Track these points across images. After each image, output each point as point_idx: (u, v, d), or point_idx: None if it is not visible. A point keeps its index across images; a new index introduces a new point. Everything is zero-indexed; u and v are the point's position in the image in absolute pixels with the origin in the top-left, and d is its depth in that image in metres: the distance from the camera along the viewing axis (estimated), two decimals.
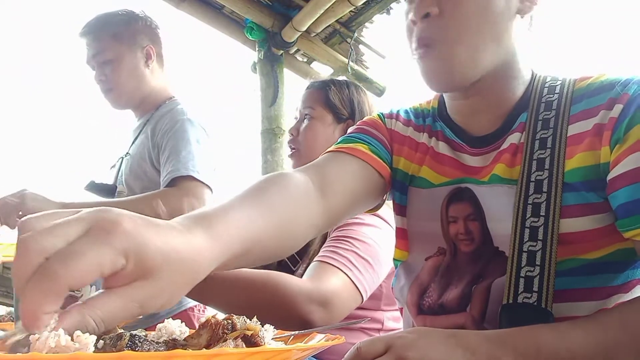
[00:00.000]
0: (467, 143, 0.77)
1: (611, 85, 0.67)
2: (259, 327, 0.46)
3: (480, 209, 0.73)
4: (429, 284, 0.76)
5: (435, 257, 0.77)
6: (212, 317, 0.46)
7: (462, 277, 0.72)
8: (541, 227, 0.63)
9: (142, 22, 1.62)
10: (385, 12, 2.54)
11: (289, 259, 1.26)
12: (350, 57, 2.71)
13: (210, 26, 2.75)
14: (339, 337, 0.54)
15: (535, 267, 0.62)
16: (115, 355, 0.38)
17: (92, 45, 1.57)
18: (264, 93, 2.75)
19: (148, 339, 0.42)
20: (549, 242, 0.62)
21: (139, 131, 1.60)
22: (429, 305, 0.75)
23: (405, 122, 0.86)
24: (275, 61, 2.76)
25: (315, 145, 1.29)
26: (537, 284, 0.61)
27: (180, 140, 1.45)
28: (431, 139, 0.82)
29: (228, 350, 0.41)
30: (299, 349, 0.46)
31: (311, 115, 1.32)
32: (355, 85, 1.37)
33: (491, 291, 0.68)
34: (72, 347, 0.39)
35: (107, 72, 1.55)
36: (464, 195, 0.75)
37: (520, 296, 0.61)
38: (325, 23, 2.53)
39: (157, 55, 1.63)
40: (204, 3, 2.68)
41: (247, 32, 2.70)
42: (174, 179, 1.40)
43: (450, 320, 0.72)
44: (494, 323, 0.65)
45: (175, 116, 1.50)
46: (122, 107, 1.63)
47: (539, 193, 0.65)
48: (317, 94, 1.33)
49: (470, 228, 0.73)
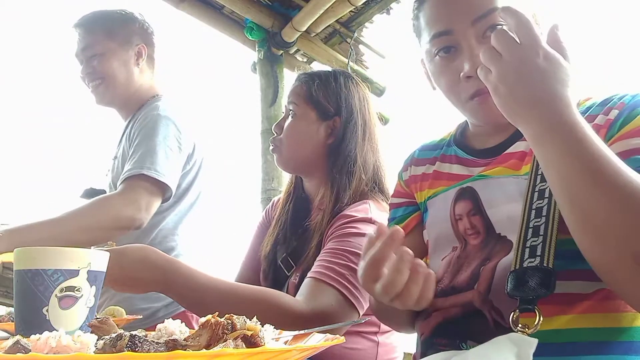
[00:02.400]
0: (478, 157, 0.87)
1: (606, 101, 0.76)
2: (259, 327, 0.46)
3: (479, 202, 0.81)
4: (443, 274, 0.84)
5: (449, 255, 0.85)
6: (212, 317, 0.46)
7: (472, 262, 0.80)
8: (545, 206, 0.71)
9: (139, 25, 1.62)
10: (385, 12, 2.54)
11: (283, 264, 1.24)
12: (350, 57, 2.71)
13: (210, 26, 2.75)
14: (339, 338, 0.54)
15: (538, 236, 0.69)
16: (115, 356, 0.38)
17: (84, 37, 1.55)
18: (264, 93, 2.74)
19: (148, 339, 0.42)
20: (551, 216, 0.69)
21: (123, 132, 1.59)
22: (441, 289, 0.82)
23: (418, 162, 1.00)
24: (275, 61, 2.76)
25: (296, 144, 1.22)
26: (540, 249, 0.67)
27: (145, 137, 1.41)
28: (444, 164, 0.93)
29: (228, 350, 0.42)
30: (299, 349, 0.46)
31: (294, 112, 1.22)
32: (346, 76, 1.26)
33: (497, 269, 0.75)
34: (72, 347, 0.39)
35: (94, 65, 1.54)
36: (465, 194, 0.85)
37: (525, 262, 0.68)
38: (325, 23, 2.53)
39: (148, 56, 1.62)
40: (204, 3, 2.68)
41: (247, 32, 2.70)
42: (130, 177, 1.35)
43: (459, 298, 0.79)
44: (499, 295, 0.73)
45: (148, 112, 1.47)
46: (108, 102, 1.60)
47: (544, 182, 0.72)
48: (301, 88, 1.23)
49: (474, 222, 0.81)
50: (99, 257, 0.63)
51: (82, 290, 0.60)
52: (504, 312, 0.72)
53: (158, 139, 1.40)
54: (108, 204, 1.33)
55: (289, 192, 1.33)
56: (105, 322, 0.54)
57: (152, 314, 1.44)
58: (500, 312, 0.73)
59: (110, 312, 1.01)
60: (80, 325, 0.60)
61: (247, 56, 2.91)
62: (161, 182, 1.36)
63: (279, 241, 1.28)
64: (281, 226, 1.28)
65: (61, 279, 0.59)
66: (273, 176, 2.57)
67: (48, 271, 0.59)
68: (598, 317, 0.70)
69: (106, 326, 0.54)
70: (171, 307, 1.47)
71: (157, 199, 1.38)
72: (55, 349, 0.40)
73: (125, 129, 1.57)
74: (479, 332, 0.74)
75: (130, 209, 1.31)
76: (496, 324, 0.73)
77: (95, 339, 0.43)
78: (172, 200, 1.49)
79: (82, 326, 0.60)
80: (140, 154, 1.38)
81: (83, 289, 0.60)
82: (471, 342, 0.75)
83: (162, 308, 1.46)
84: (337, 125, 1.21)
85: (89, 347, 0.42)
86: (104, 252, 0.65)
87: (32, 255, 0.61)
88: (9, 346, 0.42)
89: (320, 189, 1.23)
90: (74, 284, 0.60)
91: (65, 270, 0.59)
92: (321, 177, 1.23)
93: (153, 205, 1.37)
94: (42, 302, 0.58)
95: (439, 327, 0.82)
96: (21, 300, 0.60)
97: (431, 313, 0.83)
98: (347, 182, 1.16)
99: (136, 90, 1.59)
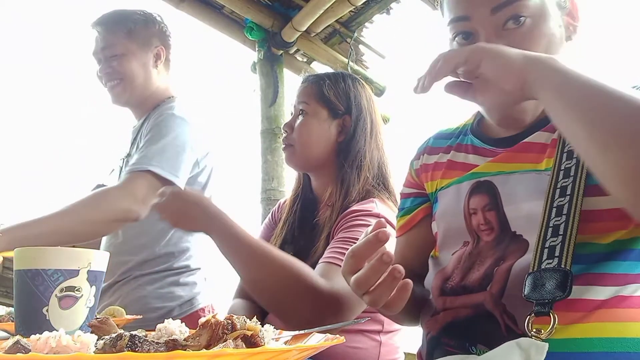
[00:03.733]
0: (495, 145, 0.84)
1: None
2: (259, 327, 0.46)
3: (497, 198, 0.78)
4: (453, 271, 0.82)
5: (460, 249, 0.83)
6: (212, 317, 0.46)
7: (484, 261, 0.78)
8: (566, 204, 0.69)
9: (158, 26, 1.62)
10: (385, 12, 2.54)
11: None
12: (350, 57, 2.71)
13: (210, 26, 2.75)
14: (339, 337, 0.54)
15: (558, 236, 0.67)
16: (115, 356, 0.38)
17: (104, 37, 1.55)
18: (263, 93, 2.74)
19: (148, 340, 0.42)
20: (571, 215, 0.68)
21: (137, 131, 1.60)
22: (451, 287, 0.81)
23: (432, 151, 0.97)
24: (275, 61, 2.76)
25: (309, 142, 1.25)
26: (559, 250, 0.66)
27: (157, 134, 1.41)
28: (459, 154, 0.90)
29: (228, 350, 0.41)
30: (299, 349, 0.46)
31: (306, 111, 1.27)
32: (352, 78, 1.32)
33: (512, 271, 0.73)
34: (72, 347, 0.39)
35: (114, 65, 1.54)
36: (482, 187, 0.81)
37: (543, 263, 0.67)
38: (325, 23, 2.53)
39: (166, 59, 1.63)
40: (204, 3, 2.68)
41: (247, 32, 2.70)
42: (135, 171, 1.35)
43: (470, 299, 0.77)
44: (513, 299, 0.71)
45: (163, 111, 1.48)
46: (124, 102, 1.60)
47: (567, 178, 0.71)
48: (312, 88, 1.28)
49: (488, 218, 0.79)
50: (99, 257, 0.63)
51: (82, 291, 0.60)
52: (517, 317, 0.70)
53: (169, 137, 1.41)
54: (105, 196, 1.33)
55: (297, 192, 1.35)
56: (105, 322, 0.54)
57: (167, 313, 1.44)
58: (513, 316, 0.71)
59: (110, 312, 1.01)
60: (81, 325, 0.60)
61: (247, 56, 2.92)
62: (166, 179, 1.37)
63: (287, 240, 1.29)
64: (289, 226, 1.30)
65: (61, 279, 0.59)
66: (273, 176, 2.57)
67: (48, 271, 0.59)
68: (616, 326, 0.67)
69: (106, 326, 0.54)
70: (185, 307, 1.48)
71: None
72: (55, 349, 0.40)
73: (140, 129, 1.57)
74: (489, 336, 0.72)
75: (126, 201, 1.31)
76: (508, 329, 0.71)
77: (95, 339, 0.43)
78: None
79: (82, 326, 0.60)
80: (150, 150, 1.38)
81: (83, 289, 0.60)
82: (481, 345, 0.73)
83: (177, 307, 1.47)
84: (347, 124, 1.26)
85: (89, 347, 0.42)
86: (103, 252, 0.65)
87: (32, 255, 0.61)
88: (9, 346, 0.42)
89: (328, 187, 1.26)
90: (74, 284, 0.59)
91: (65, 270, 0.59)
92: (330, 174, 1.26)
93: (152, 199, 1.37)
94: (42, 302, 0.58)
95: (448, 326, 0.79)
96: (21, 300, 0.60)
97: (440, 311, 0.81)
98: (357, 177, 1.21)
99: (153, 92, 1.59)
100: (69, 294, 0.59)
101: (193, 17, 2.66)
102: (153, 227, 1.47)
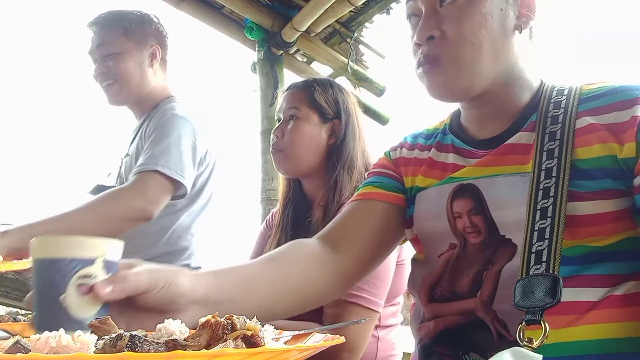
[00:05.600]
0: (476, 147, 0.83)
1: (618, 89, 0.73)
2: (259, 327, 0.46)
3: (482, 202, 0.77)
4: (441, 275, 0.81)
5: (447, 252, 0.81)
6: (212, 317, 0.46)
7: (473, 265, 0.77)
8: (550, 206, 0.68)
9: (154, 26, 1.62)
10: (385, 12, 2.54)
11: None
12: (350, 57, 2.71)
13: (210, 26, 2.75)
14: (339, 337, 0.54)
15: (544, 240, 0.66)
16: (115, 356, 0.38)
17: (100, 36, 1.55)
18: (263, 93, 2.75)
19: (148, 340, 0.42)
20: (556, 218, 0.67)
21: (137, 131, 1.60)
22: (441, 294, 0.80)
23: (410, 147, 0.94)
24: (275, 61, 2.76)
25: (301, 146, 1.28)
26: (546, 254, 0.65)
27: (161, 134, 1.42)
28: (440, 154, 0.88)
29: (228, 350, 0.42)
30: (299, 349, 0.46)
31: (297, 116, 1.29)
32: (337, 85, 1.36)
33: (501, 275, 0.73)
34: (72, 347, 0.39)
35: (109, 64, 1.54)
36: (466, 191, 0.80)
37: (532, 269, 0.65)
38: (325, 23, 2.53)
39: (162, 58, 1.63)
40: (204, 3, 2.68)
41: (247, 32, 2.70)
42: (143, 171, 1.37)
43: (460, 306, 0.77)
44: (504, 304, 0.70)
45: (165, 111, 1.49)
46: (121, 102, 1.61)
47: (549, 178, 0.70)
48: (301, 94, 1.31)
49: (475, 222, 0.78)
50: (114, 247, 0.64)
51: (98, 278, 0.60)
52: (508, 324, 0.70)
53: (174, 137, 1.42)
54: (119, 195, 1.36)
55: (287, 197, 1.36)
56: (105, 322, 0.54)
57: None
58: (505, 323, 0.71)
59: None
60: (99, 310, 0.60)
61: (247, 56, 2.92)
62: (174, 179, 1.38)
63: (282, 243, 1.29)
64: (283, 229, 1.32)
65: (78, 267, 0.59)
66: (273, 176, 2.57)
67: (65, 260, 0.59)
68: (608, 328, 0.67)
69: (106, 326, 0.54)
70: None
71: (168, 194, 1.40)
72: (55, 349, 0.40)
73: (140, 127, 1.58)
74: (482, 344, 0.72)
75: (139, 200, 1.34)
76: (500, 336, 0.71)
77: (95, 339, 0.43)
78: (187, 201, 1.51)
79: (100, 311, 0.60)
80: (155, 150, 1.40)
81: (99, 277, 0.60)
82: (474, 354, 0.73)
83: None
84: (336, 127, 1.30)
85: (89, 347, 0.42)
86: (118, 241, 0.65)
87: (49, 244, 0.61)
88: (9, 346, 0.42)
89: (321, 188, 1.28)
90: (90, 272, 0.60)
91: (81, 259, 0.60)
92: (322, 176, 1.29)
93: (163, 199, 1.38)
94: (59, 291, 0.59)
95: (440, 335, 0.79)
96: (38, 289, 0.61)
97: (431, 319, 0.81)
98: (349, 177, 1.24)
99: (150, 92, 1.60)
100: (85, 282, 0.60)
101: (193, 17, 2.67)
102: (152, 227, 1.47)
